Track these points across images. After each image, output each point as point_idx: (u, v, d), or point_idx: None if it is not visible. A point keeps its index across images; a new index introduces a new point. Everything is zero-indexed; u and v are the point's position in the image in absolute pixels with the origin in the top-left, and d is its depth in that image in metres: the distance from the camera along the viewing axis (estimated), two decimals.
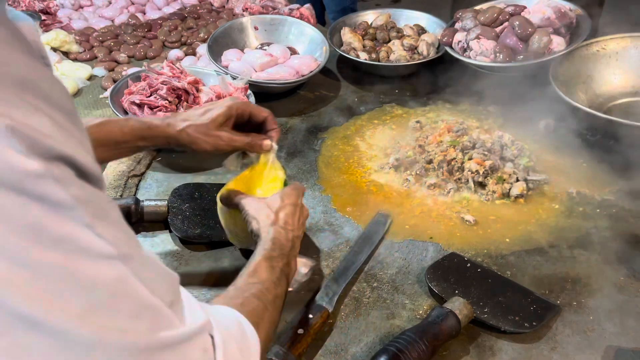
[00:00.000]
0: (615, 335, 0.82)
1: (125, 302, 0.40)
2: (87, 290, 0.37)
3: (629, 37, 1.40)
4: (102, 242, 0.38)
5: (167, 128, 0.90)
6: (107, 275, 0.38)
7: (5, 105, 0.33)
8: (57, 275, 0.36)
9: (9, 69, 0.35)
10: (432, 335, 0.77)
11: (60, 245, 0.36)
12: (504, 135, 1.25)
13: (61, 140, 0.37)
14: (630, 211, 1.06)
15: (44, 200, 0.34)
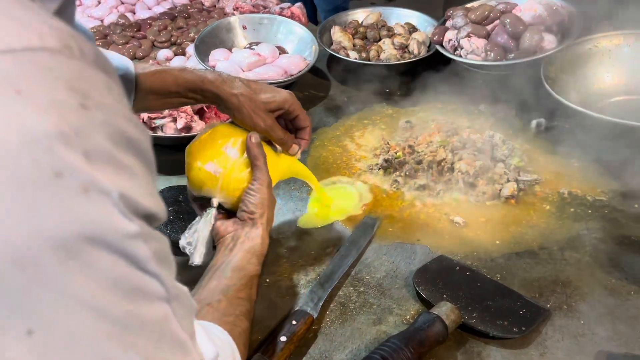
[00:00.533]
0: (606, 340, 0.80)
1: (166, 340, 0.40)
2: (149, 332, 0.38)
3: (621, 34, 1.38)
4: (162, 289, 0.39)
5: (221, 84, 0.89)
6: (157, 315, 0.39)
7: (120, 171, 0.34)
8: (129, 322, 0.36)
9: (123, 128, 0.35)
10: (418, 341, 0.75)
11: (133, 295, 0.36)
12: (495, 135, 1.23)
13: (146, 196, 0.37)
14: (622, 212, 1.04)
15: (131, 257, 0.35)
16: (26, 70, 0.30)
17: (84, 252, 0.32)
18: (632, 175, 1.12)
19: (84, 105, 0.32)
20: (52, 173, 0.30)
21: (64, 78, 0.32)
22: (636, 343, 0.79)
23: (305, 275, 0.94)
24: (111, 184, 0.33)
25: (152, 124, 1.22)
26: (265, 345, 0.77)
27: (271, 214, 0.84)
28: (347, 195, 1.13)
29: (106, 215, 0.33)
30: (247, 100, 0.89)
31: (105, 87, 0.35)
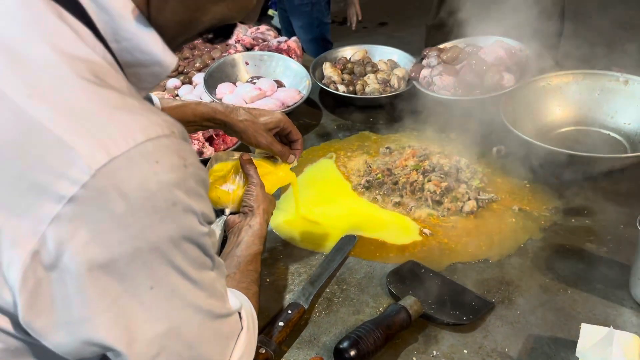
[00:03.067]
0: (536, 326, 1.01)
1: (215, 291, 0.66)
2: (207, 288, 0.64)
3: (571, 74, 1.61)
4: (211, 263, 0.65)
5: (230, 114, 1.15)
6: (210, 278, 0.65)
7: (201, 200, 0.61)
8: (198, 283, 0.63)
9: (202, 176, 0.62)
10: (386, 325, 0.95)
11: (201, 268, 0.63)
12: (461, 159, 1.45)
13: (211, 210, 0.63)
14: (562, 226, 1.26)
15: (202, 247, 0.62)
16: (160, 150, 0.56)
17: (183, 244, 0.59)
18: (572, 195, 1.34)
19: (185, 165, 0.57)
20: (171, 203, 0.56)
21: (175, 151, 0.57)
22: (559, 329, 1.00)
23: (298, 276, 1.15)
24: (197, 208, 0.59)
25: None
26: (267, 329, 0.97)
27: (267, 206, 1.10)
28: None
29: (195, 225, 0.60)
30: (250, 124, 1.15)
31: (191, 151, 0.60)
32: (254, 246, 1.02)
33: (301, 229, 1.29)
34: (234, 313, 0.72)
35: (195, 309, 0.62)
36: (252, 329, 0.78)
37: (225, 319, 0.69)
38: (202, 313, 0.63)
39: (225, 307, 0.69)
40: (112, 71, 0.58)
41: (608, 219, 1.26)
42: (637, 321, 1.01)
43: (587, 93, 1.58)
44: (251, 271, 0.97)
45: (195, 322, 0.63)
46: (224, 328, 0.69)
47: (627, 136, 1.50)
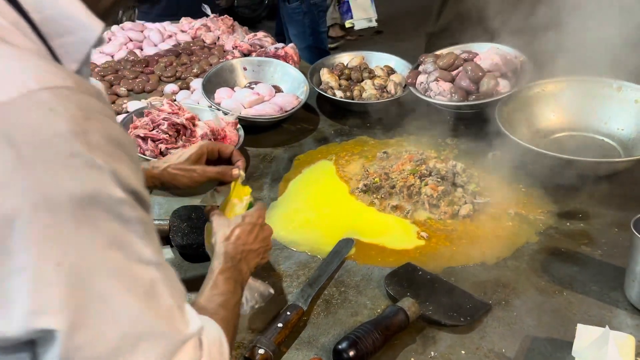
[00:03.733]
0: (532, 327, 1.02)
1: (156, 297, 0.57)
2: (135, 284, 0.56)
3: (565, 80, 1.64)
4: (147, 251, 0.57)
5: (152, 170, 1.09)
6: (147, 275, 0.57)
7: (111, 158, 0.55)
8: (119, 270, 0.55)
9: (113, 133, 0.56)
10: (384, 326, 0.96)
11: (123, 249, 0.55)
12: (457, 164, 1.47)
13: (133, 179, 0.57)
14: (556, 229, 1.27)
15: (121, 217, 0.55)
16: (57, 98, 0.52)
17: (90, 210, 0.52)
18: (567, 198, 1.36)
19: (87, 118, 0.54)
20: (68, 153, 0.51)
21: (77, 103, 0.53)
22: (555, 330, 1.01)
23: (297, 278, 1.15)
24: (104, 163, 0.53)
25: (168, 153, 1.44)
26: (266, 330, 0.98)
27: (224, 228, 0.98)
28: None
29: (104, 184, 0.53)
30: (173, 168, 1.08)
31: (100, 109, 0.56)
32: (214, 268, 0.90)
33: (299, 233, 1.29)
34: (190, 337, 0.61)
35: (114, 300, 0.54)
36: (218, 357, 0.67)
37: (172, 340, 0.58)
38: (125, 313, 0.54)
39: (173, 323, 0.58)
40: (18, 33, 0.57)
41: (602, 223, 1.28)
42: (632, 322, 1.02)
43: (581, 99, 1.60)
44: (215, 295, 0.84)
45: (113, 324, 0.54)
46: (169, 352, 0.58)
47: (621, 141, 1.52)
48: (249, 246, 0.97)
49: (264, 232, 1.02)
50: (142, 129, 1.46)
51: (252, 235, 0.99)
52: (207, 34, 2.61)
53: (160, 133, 1.44)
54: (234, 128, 1.54)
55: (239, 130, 1.56)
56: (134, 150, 0.60)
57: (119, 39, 2.56)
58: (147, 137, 1.44)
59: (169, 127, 1.45)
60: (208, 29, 2.67)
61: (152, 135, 1.44)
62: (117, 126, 0.58)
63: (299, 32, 3.36)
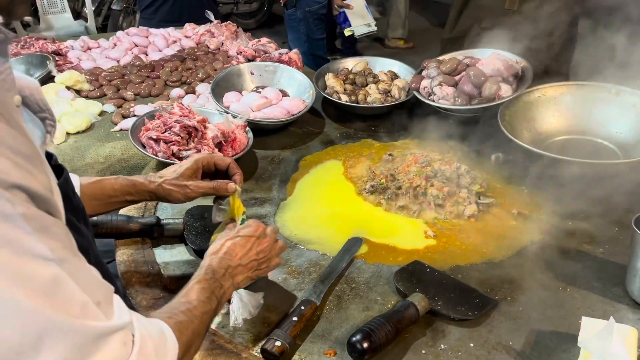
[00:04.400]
0: (538, 321, 1.05)
1: (59, 293, 0.55)
2: (29, 281, 0.53)
3: (564, 85, 1.69)
4: (41, 246, 0.54)
5: (148, 185, 1.10)
6: (45, 272, 0.54)
7: None
8: (7, 268, 0.52)
9: None
10: (396, 320, 0.99)
11: (9, 246, 0.52)
12: (461, 166, 1.51)
13: (17, 175, 0.54)
14: (558, 228, 1.31)
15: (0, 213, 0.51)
16: None
17: None
18: (568, 199, 1.40)
19: None
20: None
21: None
22: (560, 324, 1.04)
23: (308, 275, 1.19)
24: None
25: (180, 155, 1.47)
26: (282, 323, 1.01)
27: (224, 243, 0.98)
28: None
29: None
30: (168, 184, 1.10)
31: None
32: (192, 279, 0.89)
33: (310, 232, 1.33)
34: (115, 330, 0.60)
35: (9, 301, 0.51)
36: (152, 355, 0.65)
37: (90, 334, 0.57)
38: (18, 312, 0.52)
39: (88, 318, 0.57)
40: None
41: (603, 222, 1.32)
42: (634, 317, 1.06)
43: (581, 103, 1.65)
44: (181, 302, 0.83)
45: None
46: (87, 345, 0.56)
47: (619, 144, 1.56)
48: (237, 261, 0.96)
49: (261, 246, 1.01)
50: (154, 131, 1.49)
51: (245, 249, 0.98)
52: (211, 39, 2.65)
53: (172, 135, 1.47)
54: (243, 130, 1.58)
55: (248, 132, 1.59)
56: (21, 146, 0.56)
57: (124, 44, 2.60)
58: (159, 139, 1.47)
59: (181, 129, 1.48)
60: (212, 34, 2.71)
61: (164, 137, 1.47)
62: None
63: (295, 38, 3.42)
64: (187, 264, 1.22)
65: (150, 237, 1.26)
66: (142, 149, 1.49)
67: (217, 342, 0.99)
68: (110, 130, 1.89)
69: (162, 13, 3.10)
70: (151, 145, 1.49)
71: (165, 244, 1.27)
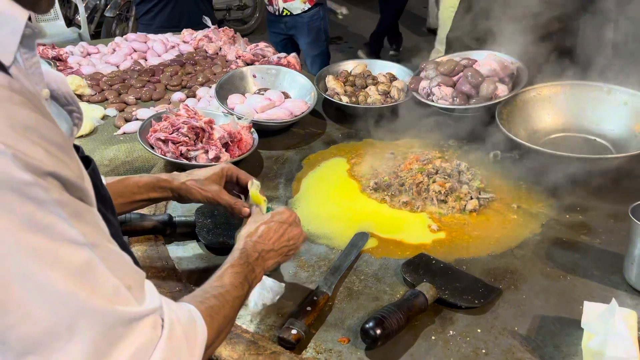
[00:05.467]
0: (541, 308, 1.10)
1: (92, 277, 0.57)
2: (63, 264, 0.55)
3: (559, 84, 1.74)
4: (74, 232, 0.56)
5: (172, 181, 1.14)
6: (78, 256, 0.56)
7: (14, 141, 0.54)
8: (42, 252, 0.54)
9: (18, 119, 0.55)
10: (407, 308, 1.03)
11: (45, 231, 0.55)
12: (461, 163, 1.56)
13: (50, 163, 0.56)
14: (557, 220, 1.36)
15: (34, 199, 0.54)
16: None
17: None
18: (565, 193, 1.45)
19: None
20: None
21: None
22: (562, 310, 1.09)
23: (318, 268, 1.22)
24: (5, 148, 0.52)
25: (188, 155, 1.51)
26: (296, 312, 1.05)
27: (259, 227, 1.02)
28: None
29: (8, 168, 0.52)
30: (193, 184, 1.13)
31: (7, 98, 0.54)
32: (226, 262, 0.92)
33: (318, 227, 1.37)
34: (145, 315, 0.62)
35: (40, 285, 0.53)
36: (183, 340, 0.67)
37: (121, 318, 0.59)
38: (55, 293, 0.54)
39: (118, 302, 0.59)
40: None
41: (599, 214, 1.37)
42: (632, 302, 1.10)
43: (574, 102, 1.71)
44: (214, 287, 0.85)
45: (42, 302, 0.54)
46: (117, 328, 0.58)
47: (612, 141, 1.62)
48: (270, 246, 1.00)
49: (292, 232, 1.05)
50: (162, 132, 1.52)
51: (278, 234, 1.03)
52: (209, 44, 2.69)
53: (180, 136, 1.51)
54: (248, 131, 1.62)
55: (253, 133, 1.63)
56: (54, 135, 0.58)
57: (124, 49, 2.63)
58: (167, 140, 1.50)
59: (189, 130, 1.51)
60: (210, 39, 2.75)
61: (172, 138, 1.51)
62: (27, 112, 0.56)
63: (313, 40, 3.42)
64: (200, 259, 1.25)
65: (163, 234, 1.29)
66: (150, 149, 1.52)
67: (235, 332, 1.02)
68: (113, 133, 1.92)
69: (160, 19, 3.13)
70: (159, 146, 1.52)
71: (177, 241, 1.30)
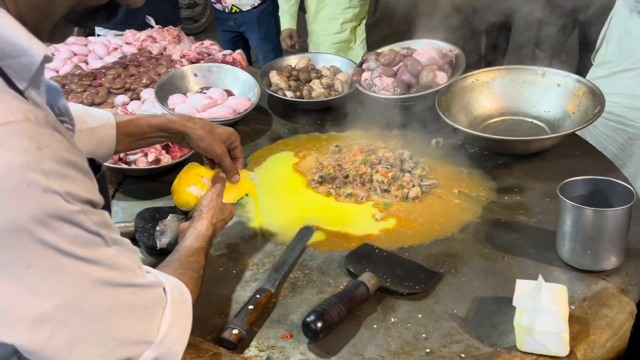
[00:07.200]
0: (479, 289, 1.13)
1: (118, 265, 0.70)
2: (103, 265, 0.68)
3: (495, 70, 1.78)
4: (102, 240, 0.68)
5: (186, 122, 1.18)
6: (108, 254, 0.69)
7: (65, 180, 0.63)
8: (87, 261, 0.66)
9: (63, 156, 0.64)
10: (348, 299, 1.04)
11: (88, 244, 0.66)
12: (404, 152, 1.58)
13: (85, 190, 0.66)
14: (496, 203, 1.40)
15: (77, 224, 0.64)
16: (7, 134, 0.59)
17: (53, 223, 0.62)
18: (504, 176, 1.49)
19: (39, 148, 0.61)
20: (25, 184, 0.59)
21: (27, 135, 0.61)
22: (499, 289, 1.12)
23: (262, 266, 1.22)
24: (59, 187, 0.62)
25: (127, 159, 1.47)
26: (239, 312, 1.04)
27: (218, 213, 1.12)
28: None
29: (58, 203, 0.62)
30: (207, 133, 1.19)
31: (50, 135, 0.63)
32: (197, 243, 1.03)
33: (264, 224, 1.36)
34: (152, 286, 0.76)
35: (92, 282, 0.65)
36: (181, 303, 0.81)
37: (140, 290, 0.72)
38: (101, 285, 0.66)
39: (137, 279, 0.72)
40: None
41: (535, 194, 1.42)
42: (565, 277, 1.15)
43: (511, 86, 1.75)
44: (191, 262, 0.98)
45: (95, 294, 0.66)
46: (140, 299, 0.72)
47: (548, 122, 1.67)
48: (216, 227, 1.13)
49: (225, 214, 1.17)
50: None
51: (219, 229, 1.14)
52: (154, 44, 2.63)
53: None
54: None
55: None
56: (84, 163, 0.68)
57: (63, 53, 2.54)
58: None
59: None
60: (154, 40, 2.69)
61: None
62: (66, 146, 0.65)
63: (265, 35, 3.41)
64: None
65: None
66: None
67: None
68: None
69: (119, 16, 3.06)
70: None
71: None
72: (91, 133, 1.12)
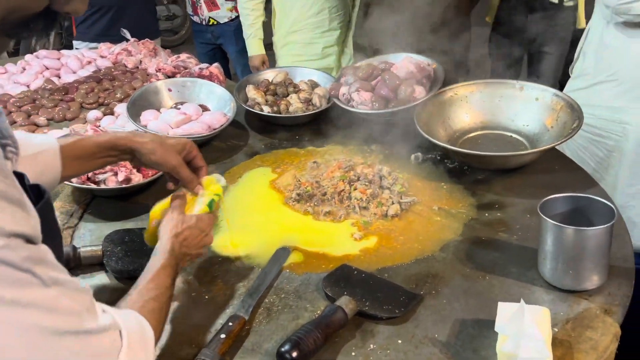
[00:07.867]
0: (461, 311, 1.09)
1: (61, 308, 0.64)
2: (39, 309, 0.62)
3: (474, 84, 1.77)
4: (36, 280, 0.63)
5: (134, 137, 1.12)
6: (45, 295, 0.63)
7: None
8: (16, 304, 0.60)
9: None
10: (324, 325, 1.00)
11: (16, 284, 0.61)
12: (383, 168, 1.55)
13: (12, 223, 0.61)
14: (477, 220, 1.37)
15: (5, 262, 0.60)
16: None
17: None
18: (483, 192, 1.47)
19: None
20: None
21: None
22: (481, 311, 1.09)
23: (237, 290, 1.17)
24: None
25: (96, 179, 1.42)
26: (210, 342, 0.99)
27: (179, 225, 1.03)
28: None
29: None
30: (158, 145, 1.12)
31: None
32: (157, 263, 0.95)
33: (237, 246, 1.31)
34: (104, 330, 0.69)
35: (26, 329, 0.60)
36: (140, 344, 0.75)
37: (87, 337, 0.66)
38: (38, 333, 0.61)
39: (85, 324, 0.66)
40: None
41: (516, 211, 1.39)
42: (548, 297, 1.12)
43: (490, 100, 1.73)
44: (151, 289, 0.90)
45: (30, 344, 0.60)
46: (88, 347, 0.66)
47: (527, 136, 1.66)
48: (189, 250, 1.04)
49: (205, 241, 1.08)
50: None
51: (196, 242, 1.05)
52: (129, 58, 2.58)
53: None
54: None
55: None
56: (15, 192, 0.63)
57: (34, 67, 2.47)
58: None
59: None
60: (129, 53, 2.64)
61: None
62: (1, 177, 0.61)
63: (243, 48, 3.34)
64: (109, 291, 1.17)
65: (68, 267, 1.20)
66: None
67: None
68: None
69: (98, 27, 3.03)
70: None
71: (84, 273, 1.21)
72: (33, 160, 1.03)
